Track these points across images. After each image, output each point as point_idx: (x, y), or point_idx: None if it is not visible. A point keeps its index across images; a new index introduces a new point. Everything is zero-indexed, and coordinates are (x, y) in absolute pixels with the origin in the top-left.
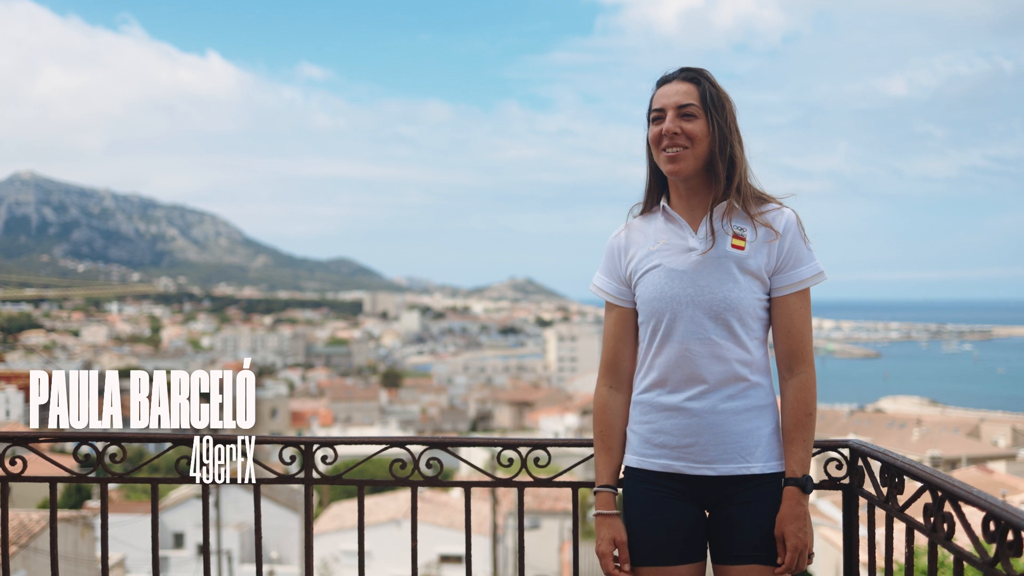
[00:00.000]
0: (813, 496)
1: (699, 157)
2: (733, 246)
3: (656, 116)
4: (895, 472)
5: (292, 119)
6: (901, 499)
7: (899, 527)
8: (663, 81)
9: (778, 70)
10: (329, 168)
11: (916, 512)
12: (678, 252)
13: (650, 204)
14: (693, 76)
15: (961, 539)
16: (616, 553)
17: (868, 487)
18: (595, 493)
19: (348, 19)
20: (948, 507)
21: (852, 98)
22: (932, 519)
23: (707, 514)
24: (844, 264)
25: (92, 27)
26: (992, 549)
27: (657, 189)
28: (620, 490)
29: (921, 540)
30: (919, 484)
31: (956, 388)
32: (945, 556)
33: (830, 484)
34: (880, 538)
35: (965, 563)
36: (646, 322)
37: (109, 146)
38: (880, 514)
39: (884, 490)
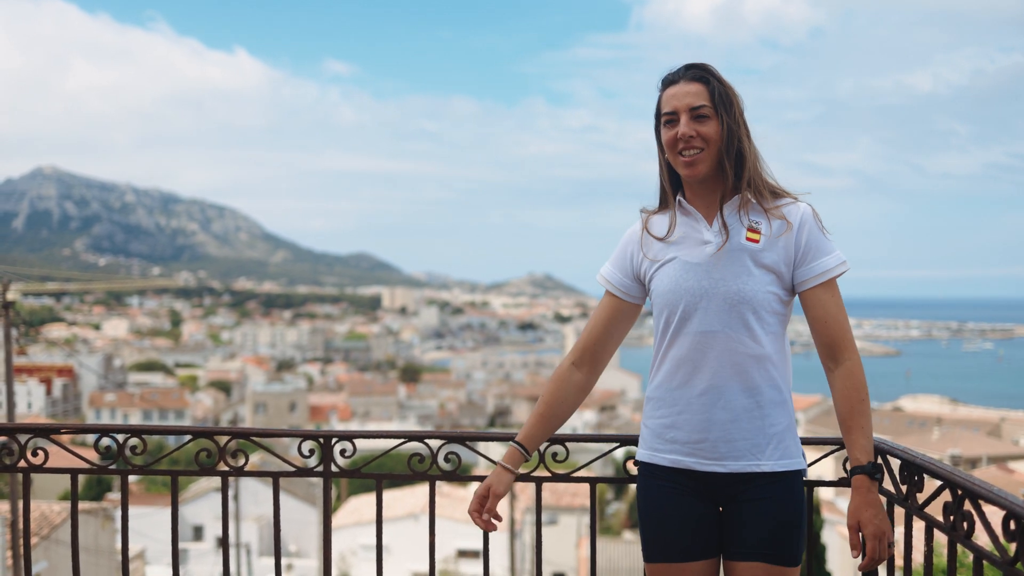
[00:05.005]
0: (831, 493)
1: (714, 157)
2: (748, 239)
3: (668, 119)
4: (915, 470)
5: (318, 114)
6: (921, 497)
7: (918, 525)
8: (670, 81)
9: (801, 66)
10: (350, 163)
11: (936, 510)
12: (693, 245)
13: (664, 202)
14: (701, 75)
15: (981, 538)
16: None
17: (888, 485)
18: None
19: (373, 15)
20: (968, 505)
21: (875, 94)
22: (952, 517)
23: (721, 510)
24: (865, 261)
25: (121, 24)
26: (1012, 548)
27: (671, 187)
28: (529, 453)
29: (941, 538)
30: (939, 482)
31: (977, 387)
32: (965, 555)
33: (849, 481)
34: (899, 536)
35: (985, 562)
36: (660, 315)
37: (136, 141)
38: (899, 512)
39: (904, 488)
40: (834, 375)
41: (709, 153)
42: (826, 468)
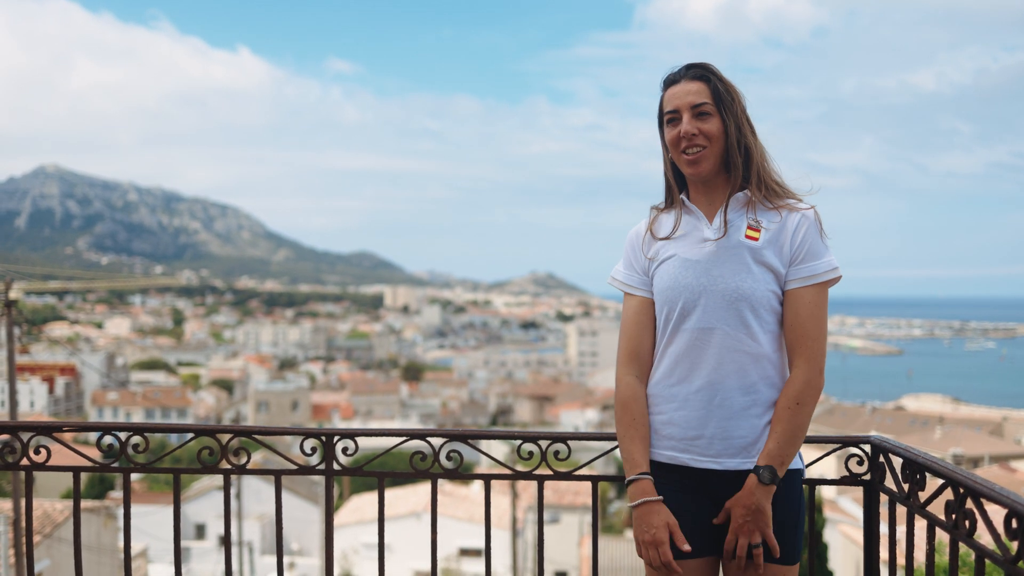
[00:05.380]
0: (833, 492)
1: (717, 155)
2: (747, 237)
3: (671, 118)
4: (917, 468)
5: (320, 113)
6: (923, 496)
7: (920, 524)
8: (671, 81)
9: (805, 65)
10: (353, 162)
11: (938, 509)
12: (693, 242)
13: (670, 201)
14: (702, 74)
15: (983, 537)
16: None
17: (889, 483)
18: (629, 484)
19: (375, 14)
20: (970, 504)
21: (878, 93)
22: (954, 516)
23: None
24: (867, 260)
25: (125, 23)
26: (1014, 547)
27: (676, 186)
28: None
29: (943, 537)
30: (941, 481)
31: (979, 386)
32: (967, 553)
33: (851, 480)
34: (901, 535)
35: (987, 560)
36: (660, 311)
37: (139, 140)
38: (901, 511)
39: (906, 486)
40: (788, 379)
41: (712, 151)
42: (827, 467)
